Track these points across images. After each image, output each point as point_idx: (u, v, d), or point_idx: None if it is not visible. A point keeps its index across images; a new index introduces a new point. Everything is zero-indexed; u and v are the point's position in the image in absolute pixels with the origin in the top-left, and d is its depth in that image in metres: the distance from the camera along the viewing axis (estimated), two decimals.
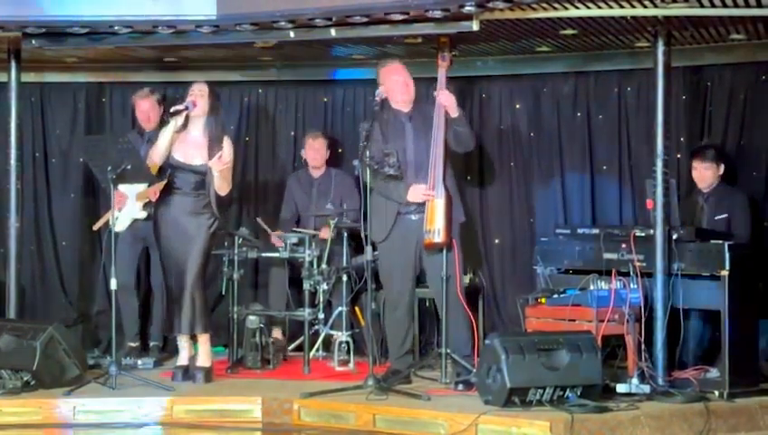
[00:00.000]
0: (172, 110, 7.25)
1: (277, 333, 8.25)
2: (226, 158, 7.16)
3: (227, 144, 7.29)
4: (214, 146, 7.21)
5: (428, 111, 7.14)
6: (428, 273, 7.16)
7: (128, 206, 8.06)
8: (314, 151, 8.56)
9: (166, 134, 7.19)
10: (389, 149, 6.96)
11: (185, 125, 7.26)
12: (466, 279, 7.60)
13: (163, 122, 7.76)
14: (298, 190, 8.61)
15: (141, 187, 7.87)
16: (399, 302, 7.17)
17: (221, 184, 7.21)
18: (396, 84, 7.17)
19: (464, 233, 7.31)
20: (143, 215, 8.07)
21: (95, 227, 8.43)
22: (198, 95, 7.27)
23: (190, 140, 7.27)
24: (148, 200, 7.98)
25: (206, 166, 7.19)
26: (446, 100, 7.01)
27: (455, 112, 7.03)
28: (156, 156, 7.20)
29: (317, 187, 8.55)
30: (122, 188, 7.79)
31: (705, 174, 7.48)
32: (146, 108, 8.33)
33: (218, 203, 7.31)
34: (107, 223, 8.20)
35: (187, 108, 7.22)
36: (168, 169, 7.28)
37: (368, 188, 6.79)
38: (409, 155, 7.08)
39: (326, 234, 8.08)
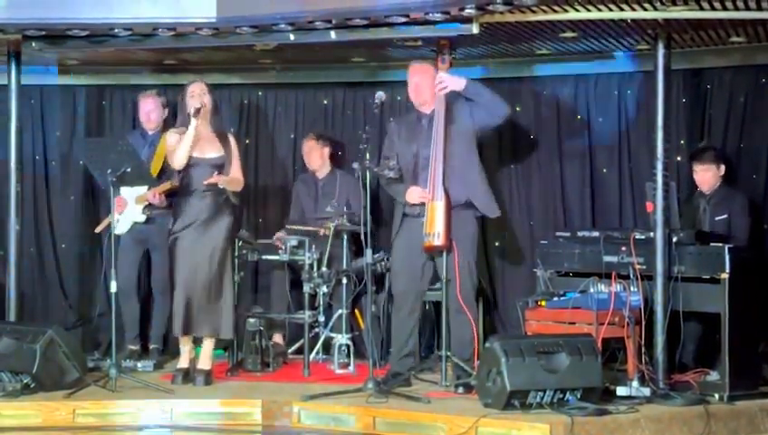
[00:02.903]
0: (194, 109, 7.17)
1: (278, 338, 8.23)
2: (233, 164, 7.29)
3: (233, 140, 7.43)
4: (222, 139, 7.31)
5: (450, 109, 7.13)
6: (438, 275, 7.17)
7: (128, 209, 8.06)
8: (306, 154, 8.60)
9: (189, 136, 7.13)
10: (390, 153, 6.97)
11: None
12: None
13: (167, 124, 7.80)
14: (304, 194, 8.61)
15: (141, 190, 7.87)
16: (403, 303, 7.17)
17: (232, 187, 7.29)
18: (409, 86, 7.21)
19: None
20: (143, 218, 8.07)
21: (97, 230, 8.43)
22: (202, 94, 7.31)
23: (201, 136, 7.28)
24: (147, 203, 7.99)
25: (223, 159, 7.25)
26: (443, 85, 6.98)
27: (461, 85, 7.02)
28: (180, 158, 7.16)
29: (321, 189, 8.54)
30: (122, 191, 7.80)
31: (705, 176, 7.48)
32: (148, 108, 8.33)
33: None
34: (108, 225, 8.20)
35: (202, 106, 7.23)
36: (175, 174, 7.29)
37: (368, 192, 6.80)
38: (421, 156, 7.09)
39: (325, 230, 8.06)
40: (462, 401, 6.61)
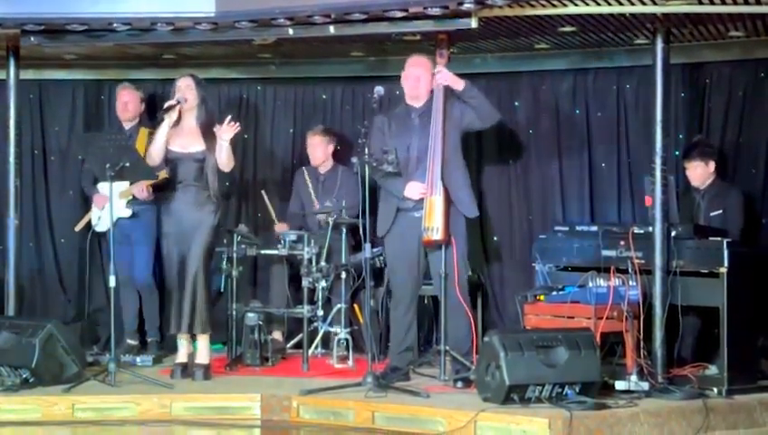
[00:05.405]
0: (165, 105, 7.26)
1: (277, 335, 8.23)
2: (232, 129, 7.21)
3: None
4: (208, 133, 7.28)
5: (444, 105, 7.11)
6: (430, 270, 7.16)
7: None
8: (311, 148, 8.54)
9: (162, 131, 7.23)
10: (388, 147, 6.97)
11: (177, 119, 7.28)
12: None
13: (142, 121, 7.82)
14: (303, 186, 8.59)
15: (124, 185, 7.88)
16: (401, 298, 7.18)
17: (227, 159, 7.25)
18: (408, 78, 7.17)
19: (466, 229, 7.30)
20: (128, 213, 8.07)
21: (77, 228, 8.46)
22: (186, 90, 7.33)
23: (185, 131, 7.33)
24: (131, 198, 7.99)
25: (205, 153, 7.24)
26: (444, 78, 6.98)
27: (460, 85, 7.01)
28: (154, 154, 7.23)
29: (322, 183, 8.53)
30: (102, 188, 7.80)
31: (694, 172, 7.49)
32: (125, 99, 8.35)
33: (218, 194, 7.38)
34: (88, 223, 8.24)
35: (179, 102, 7.25)
36: (164, 166, 7.31)
37: (366, 185, 6.79)
38: (413, 151, 7.07)
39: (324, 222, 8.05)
40: (461, 396, 6.61)
